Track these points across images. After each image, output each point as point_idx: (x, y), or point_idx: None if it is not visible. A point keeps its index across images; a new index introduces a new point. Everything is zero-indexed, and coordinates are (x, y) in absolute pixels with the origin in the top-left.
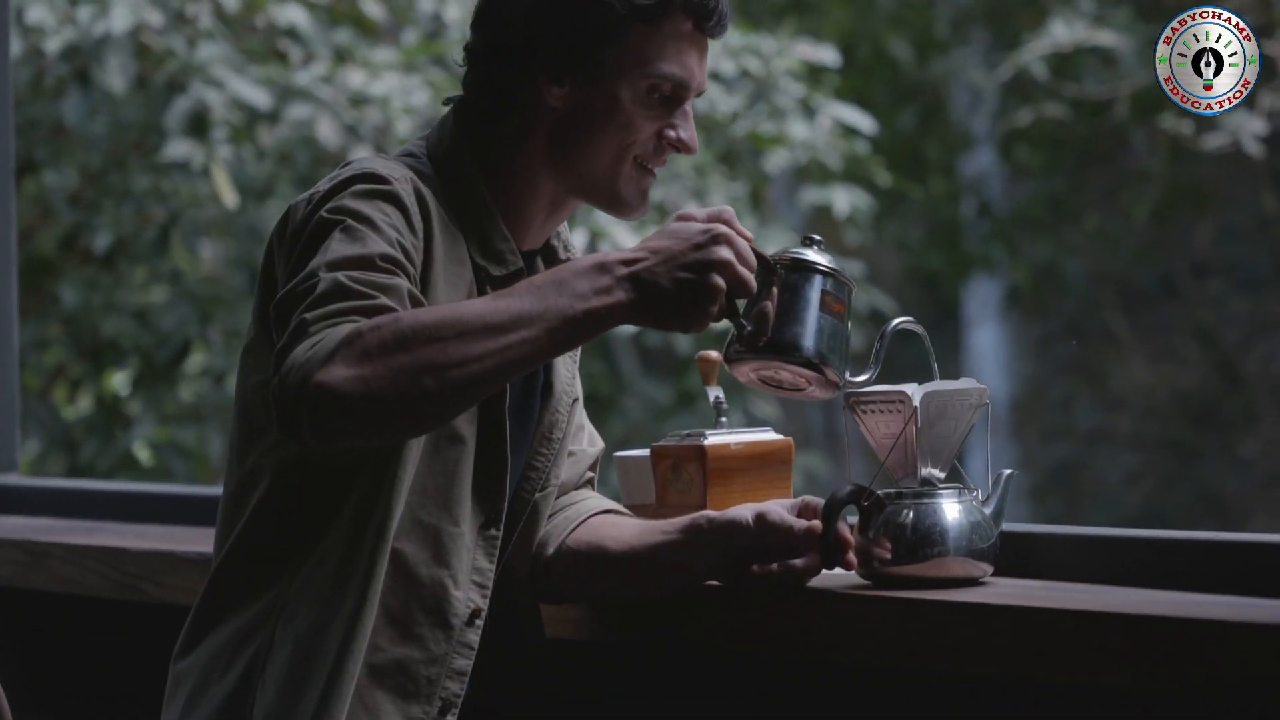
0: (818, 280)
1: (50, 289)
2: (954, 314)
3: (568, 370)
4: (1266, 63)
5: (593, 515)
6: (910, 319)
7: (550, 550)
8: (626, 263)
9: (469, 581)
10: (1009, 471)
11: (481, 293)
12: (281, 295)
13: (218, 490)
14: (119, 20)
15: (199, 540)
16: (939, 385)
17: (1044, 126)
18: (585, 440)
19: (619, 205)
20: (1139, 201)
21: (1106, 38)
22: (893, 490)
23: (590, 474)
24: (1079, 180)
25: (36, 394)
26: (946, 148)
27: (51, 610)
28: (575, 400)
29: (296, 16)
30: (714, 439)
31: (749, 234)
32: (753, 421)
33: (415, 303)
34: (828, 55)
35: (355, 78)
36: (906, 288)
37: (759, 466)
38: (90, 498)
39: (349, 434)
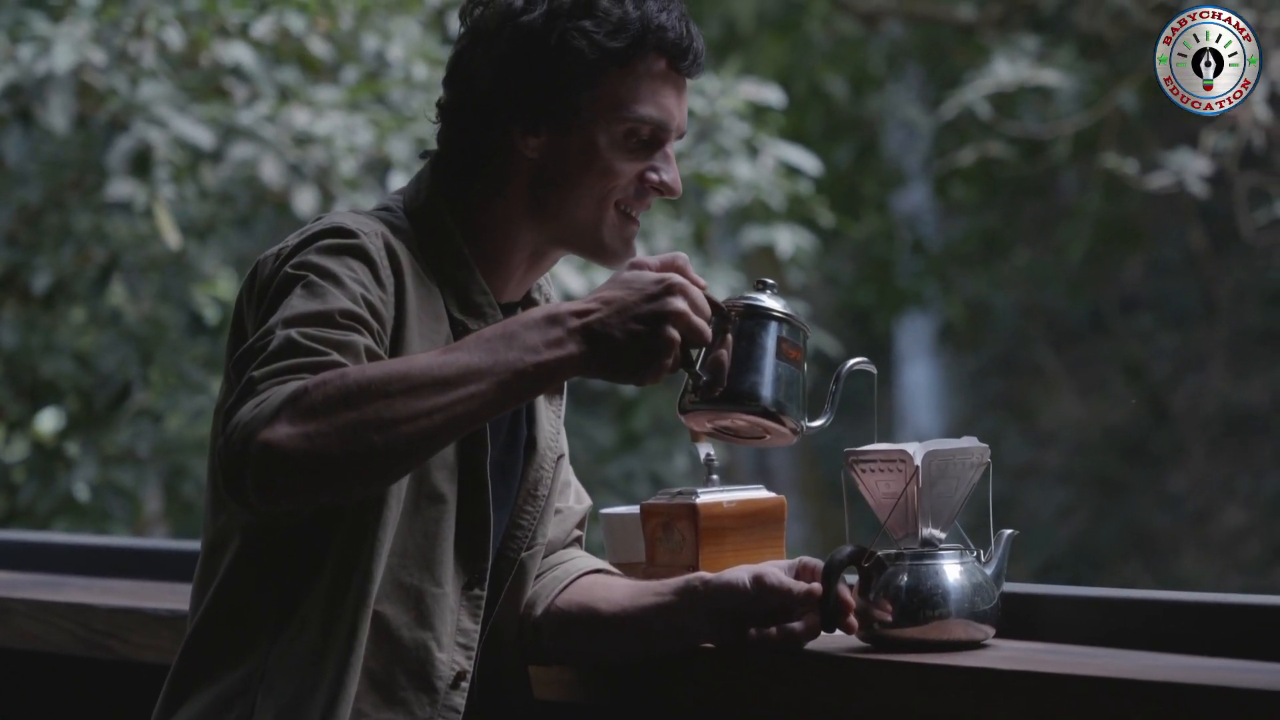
0: (773, 327)
1: None
2: (886, 350)
3: (551, 425)
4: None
5: (582, 575)
6: (865, 359)
7: (539, 611)
8: (578, 314)
9: (453, 644)
10: (1009, 531)
11: None
12: (239, 353)
13: (184, 545)
14: (61, 59)
15: (167, 596)
16: (941, 444)
17: (981, 164)
18: (572, 497)
19: (603, 253)
20: (1074, 238)
21: (1049, 77)
22: (893, 551)
23: (578, 532)
24: (1011, 215)
25: None
26: (881, 184)
27: (15, 667)
28: (561, 456)
29: (242, 55)
30: (706, 497)
31: (703, 282)
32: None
33: (373, 360)
34: (772, 95)
35: (299, 117)
36: (837, 324)
37: (751, 525)
38: (53, 551)
39: (294, 494)
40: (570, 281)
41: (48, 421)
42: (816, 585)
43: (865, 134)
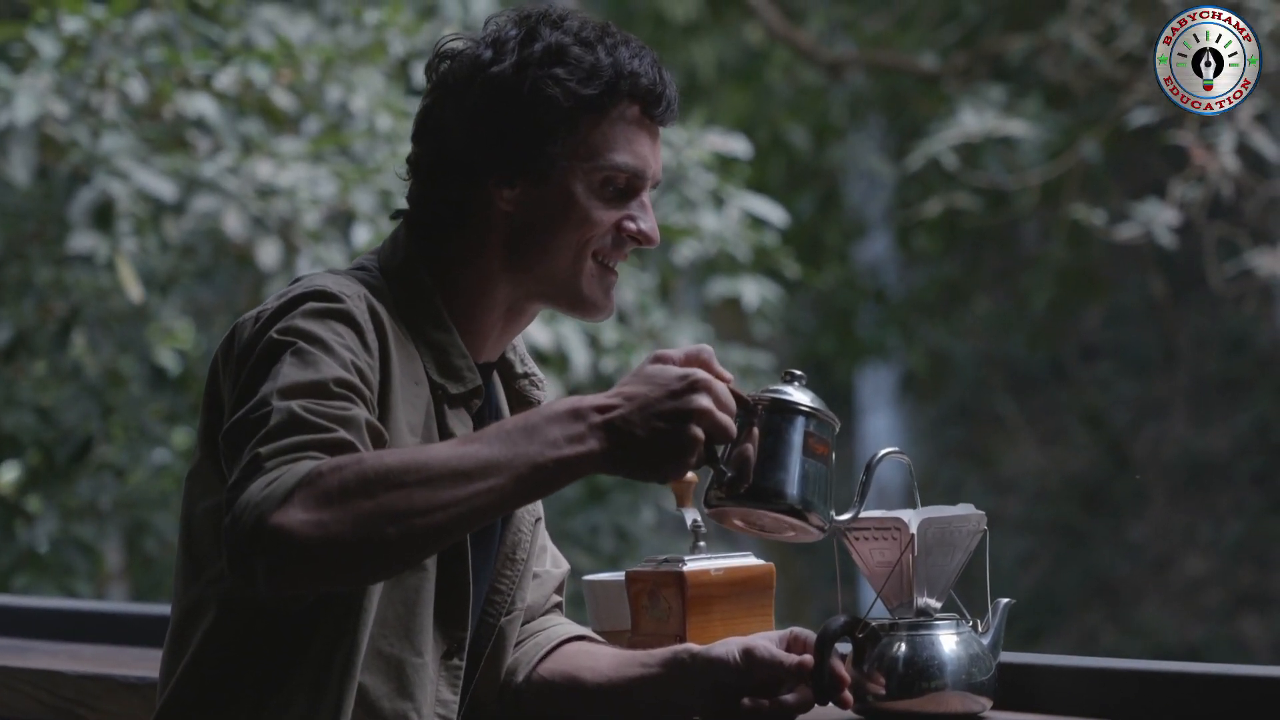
0: (800, 422)
1: None
2: (848, 400)
3: None
4: (1177, 152)
5: (564, 642)
6: (896, 449)
7: (520, 678)
8: (601, 409)
9: (433, 714)
10: (1006, 600)
11: (439, 411)
12: (232, 423)
13: (153, 609)
14: (22, 110)
15: (137, 663)
16: (936, 511)
17: (945, 214)
18: (549, 561)
19: (584, 306)
20: (1037, 288)
21: (1016, 127)
22: (888, 621)
23: (557, 597)
24: (972, 264)
25: None
26: (843, 234)
27: None
28: (538, 520)
29: (205, 107)
30: (693, 564)
31: (728, 375)
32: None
33: (374, 433)
34: (738, 146)
35: (262, 169)
36: None
37: (740, 593)
38: (17, 615)
39: (305, 581)
40: (539, 336)
41: (8, 475)
42: (808, 658)
43: (827, 184)
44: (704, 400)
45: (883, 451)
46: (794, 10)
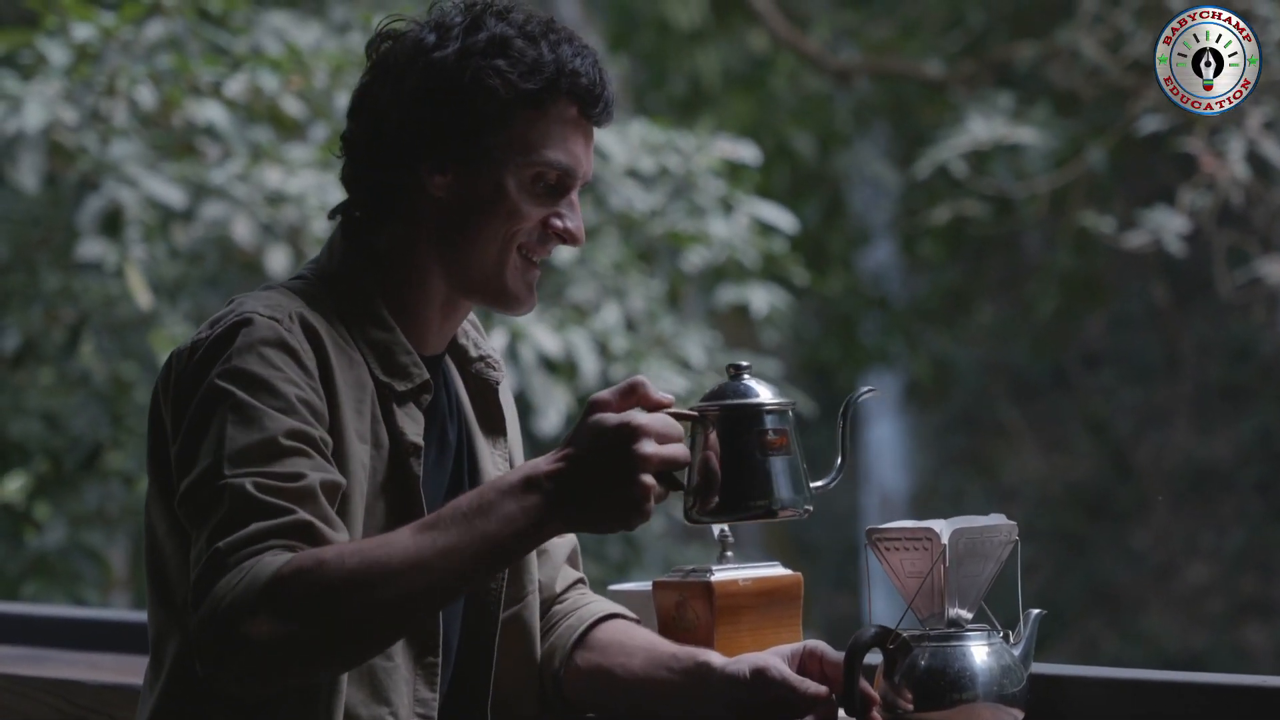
0: (752, 424)
1: None
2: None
3: (496, 468)
4: (1186, 159)
5: (597, 622)
6: (872, 389)
7: (557, 664)
8: (551, 475)
9: (412, 714)
10: (1037, 611)
11: (386, 410)
12: (184, 492)
13: None
14: (32, 117)
15: None
16: (968, 522)
17: (952, 221)
18: None
19: (506, 299)
20: (1042, 296)
21: (1025, 134)
22: (918, 632)
23: (576, 572)
24: (975, 272)
25: None
26: (847, 241)
27: None
28: None
29: (214, 114)
30: (721, 575)
31: (667, 398)
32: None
33: (330, 492)
34: (747, 152)
35: (271, 176)
36: (802, 380)
37: (767, 604)
38: (32, 624)
39: (278, 683)
40: (547, 344)
41: (16, 482)
42: (824, 690)
43: (831, 191)
44: (644, 446)
45: (859, 394)
46: (799, 17)
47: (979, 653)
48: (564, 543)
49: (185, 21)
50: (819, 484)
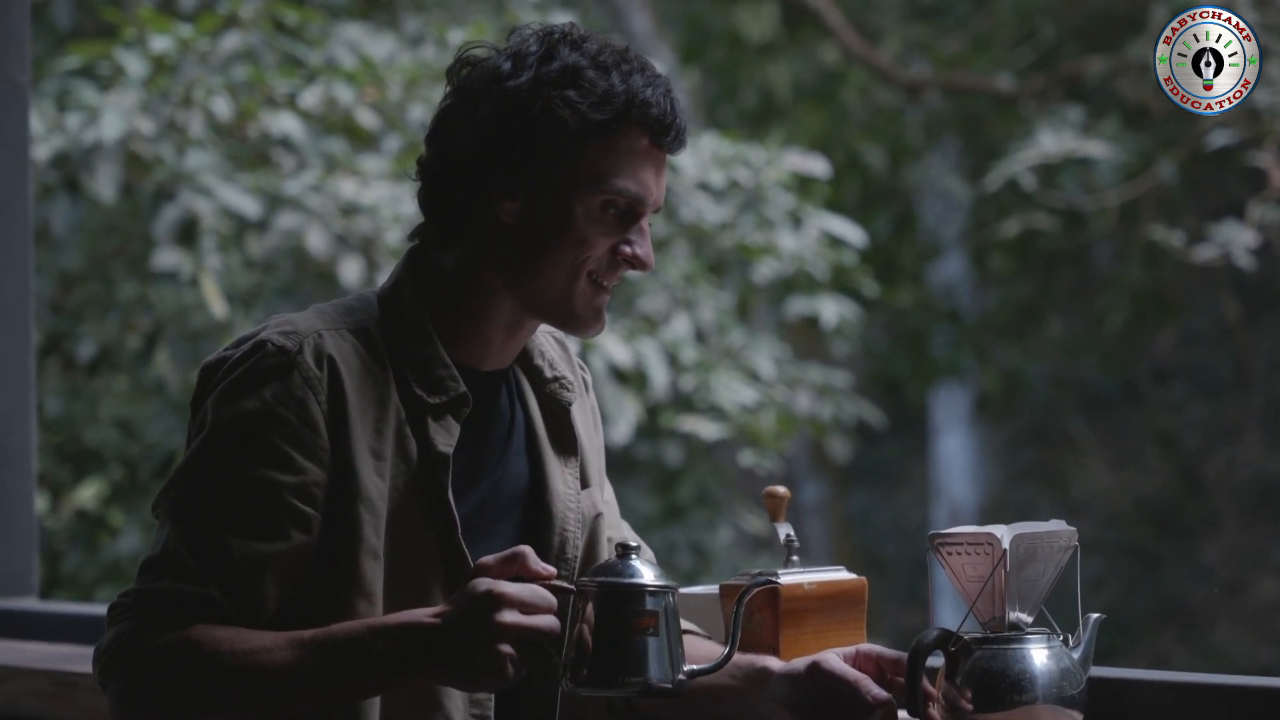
0: (622, 603)
1: None
2: (921, 420)
3: (568, 486)
4: (1255, 173)
5: None
6: (770, 580)
7: None
8: (425, 630)
9: (467, 715)
10: (1097, 615)
11: (416, 422)
12: (159, 493)
13: None
14: (109, 128)
15: None
16: (1028, 527)
17: (1022, 235)
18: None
19: (574, 323)
20: (1112, 310)
21: (1095, 148)
22: (980, 635)
23: None
24: (1045, 285)
25: None
26: (918, 254)
27: None
28: (598, 515)
29: (289, 125)
30: (787, 578)
31: (547, 570)
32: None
33: (285, 563)
34: (817, 166)
35: (346, 186)
36: (871, 393)
37: (832, 607)
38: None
39: None
40: (617, 354)
41: (91, 489)
42: (882, 692)
43: (902, 204)
44: (504, 616)
45: (757, 582)
46: (871, 31)
47: (1039, 655)
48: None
49: (261, 33)
50: (697, 669)
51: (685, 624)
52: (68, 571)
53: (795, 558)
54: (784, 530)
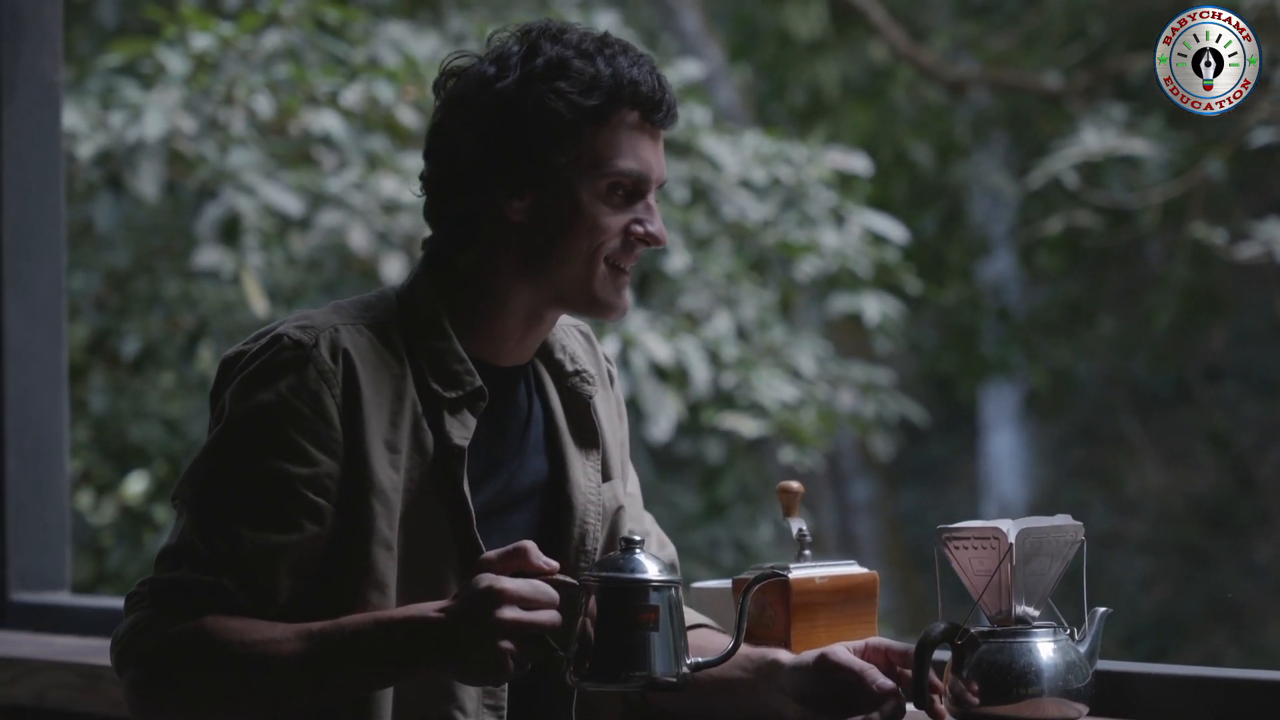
0: (625, 597)
1: (78, 393)
2: (971, 418)
3: (589, 479)
4: None
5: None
6: (779, 573)
7: None
8: (430, 624)
9: (481, 706)
10: (1103, 609)
11: (433, 415)
12: (177, 484)
13: None
14: (152, 126)
15: None
16: (1034, 522)
17: (1068, 232)
18: (654, 545)
19: (598, 308)
20: (1160, 307)
21: (1138, 146)
22: (986, 629)
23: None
24: (1095, 283)
25: None
26: (966, 251)
27: None
28: (619, 509)
29: (331, 123)
30: (798, 572)
31: (549, 565)
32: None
33: (297, 557)
34: (859, 163)
35: (387, 184)
36: (920, 391)
37: (844, 601)
38: None
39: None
40: (658, 351)
41: (135, 485)
42: (889, 683)
43: (950, 201)
44: (505, 612)
45: (764, 575)
46: (918, 29)
47: (1045, 649)
48: (663, 554)
49: (303, 32)
50: (702, 661)
51: (699, 617)
52: (112, 568)
53: (808, 552)
54: (796, 525)
